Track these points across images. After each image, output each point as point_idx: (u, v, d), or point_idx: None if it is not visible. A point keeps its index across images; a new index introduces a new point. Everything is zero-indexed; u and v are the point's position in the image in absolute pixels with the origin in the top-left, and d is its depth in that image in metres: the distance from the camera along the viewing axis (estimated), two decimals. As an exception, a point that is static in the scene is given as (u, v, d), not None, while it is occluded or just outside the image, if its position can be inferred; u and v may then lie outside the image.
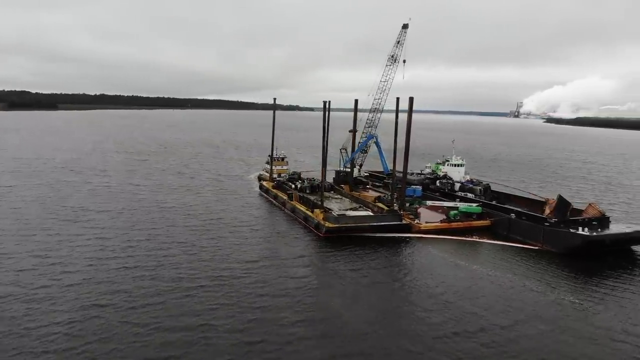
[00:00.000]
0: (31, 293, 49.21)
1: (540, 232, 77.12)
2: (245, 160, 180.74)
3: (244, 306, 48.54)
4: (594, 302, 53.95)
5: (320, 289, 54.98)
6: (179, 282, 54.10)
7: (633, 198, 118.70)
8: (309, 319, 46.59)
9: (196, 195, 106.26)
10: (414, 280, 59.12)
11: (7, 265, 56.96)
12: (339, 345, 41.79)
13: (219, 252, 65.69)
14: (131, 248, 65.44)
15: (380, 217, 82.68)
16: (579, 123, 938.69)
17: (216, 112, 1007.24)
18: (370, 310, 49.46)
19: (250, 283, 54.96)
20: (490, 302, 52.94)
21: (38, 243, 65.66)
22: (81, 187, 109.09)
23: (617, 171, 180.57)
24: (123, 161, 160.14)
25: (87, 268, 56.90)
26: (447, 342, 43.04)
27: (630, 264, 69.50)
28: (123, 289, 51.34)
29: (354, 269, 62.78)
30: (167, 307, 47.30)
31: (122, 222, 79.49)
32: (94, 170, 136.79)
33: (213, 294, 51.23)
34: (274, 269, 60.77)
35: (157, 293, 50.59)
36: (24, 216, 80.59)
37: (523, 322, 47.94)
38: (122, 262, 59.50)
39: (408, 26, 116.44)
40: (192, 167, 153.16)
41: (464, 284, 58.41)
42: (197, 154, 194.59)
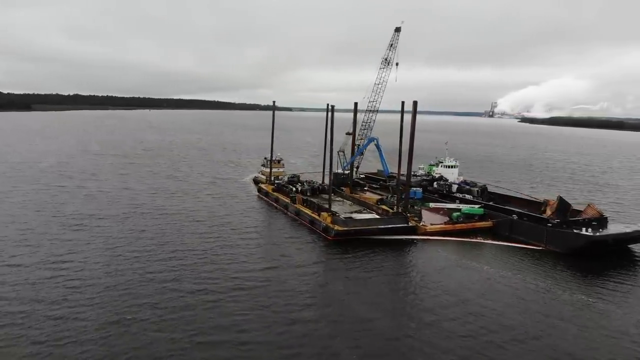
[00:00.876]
0: (54, 308, 47.87)
1: (543, 233, 79.17)
2: (235, 162, 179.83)
3: (275, 316, 48.53)
4: (606, 301, 55.90)
5: (345, 295, 55.23)
6: (203, 291, 53.55)
7: (622, 197, 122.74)
8: (341, 327, 46.99)
9: (196, 199, 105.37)
10: (432, 283, 60.07)
11: (22, 277, 55.23)
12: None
13: (235, 259, 65.42)
14: (145, 256, 64.55)
15: (387, 220, 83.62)
16: (553, 123, 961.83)
17: (194, 112, 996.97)
18: (399, 315, 50.18)
19: (275, 292, 54.91)
20: (509, 302, 54.38)
21: (48, 253, 64.07)
22: (76, 192, 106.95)
23: (601, 171, 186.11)
24: (112, 164, 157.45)
25: (106, 279, 55.83)
26: (478, 343, 44.07)
27: (631, 262, 72.21)
28: (148, 301, 50.42)
29: (371, 273, 63.50)
30: (199, 318, 46.73)
31: (129, 228, 78.33)
32: (85, 174, 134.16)
33: (241, 303, 50.94)
34: (294, 275, 60.95)
35: (185, 303, 50.00)
36: (26, 224, 78.56)
37: (544, 321, 49.40)
38: (140, 272, 58.64)
39: (400, 29, 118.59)
40: (183, 170, 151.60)
41: (479, 285, 59.80)
42: (185, 156, 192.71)
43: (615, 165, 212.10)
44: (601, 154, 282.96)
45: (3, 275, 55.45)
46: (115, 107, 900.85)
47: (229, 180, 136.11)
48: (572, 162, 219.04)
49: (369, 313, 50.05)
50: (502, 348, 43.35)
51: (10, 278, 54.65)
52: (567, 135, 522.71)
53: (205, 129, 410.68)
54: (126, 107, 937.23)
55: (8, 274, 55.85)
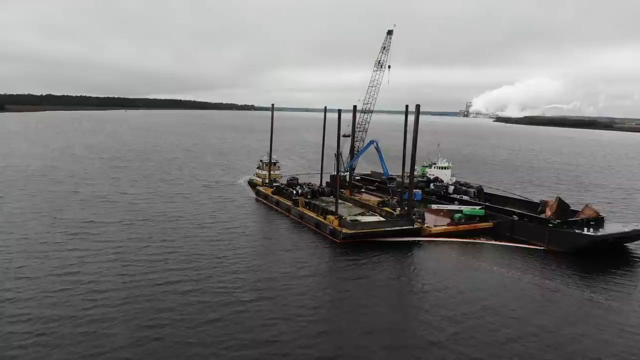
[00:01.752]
0: (78, 316, 47.18)
1: (544, 233, 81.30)
2: (225, 164, 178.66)
3: (303, 319, 48.94)
4: (615, 299, 58.04)
5: (369, 300, 55.78)
6: (225, 298, 53.39)
7: (612, 197, 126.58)
8: (368, 328, 47.67)
9: (196, 204, 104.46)
10: (447, 285, 61.11)
11: (36, 291, 53.63)
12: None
13: (251, 266, 65.23)
14: (159, 265, 63.68)
15: (394, 222, 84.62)
16: (527, 122, 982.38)
17: (171, 112, 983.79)
18: (427, 319, 51.06)
19: (297, 295, 55.31)
20: (525, 302, 55.99)
21: (58, 264, 62.38)
22: (71, 198, 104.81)
23: (583, 171, 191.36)
24: (101, 168, 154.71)
25: (124, 290, 54.78)
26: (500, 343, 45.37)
27: (630, 260, 74.91)
28: (171, 307, 50.18)
29: (386, 276, 64.50)
30: (227, 325, 46.71)
31: (136, 235, 77.12)
32: (75, 178, 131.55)
33: (266, 308, 51.12)
34: (312, 279, 61.46)
35: (209, 310, 49.89)
36: (27, 233, 76.43)
37: (561, 320, 51.04)
38: (158, 282, 57.77)
39: (392, 32, 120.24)
40: (174, 173, 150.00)
41: (493, 286, 61.38)
42: (173, 158, 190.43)
43: (598, 165, 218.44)
44: (580, 153, 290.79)
45: (16, 289, 53.73)
46: (89, 107, 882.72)
47: (223, 183, 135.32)
48: (553, 162, 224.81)
49: (395, 317, 50.87)
50: (524, 346, 44.71)
51: (25, 293, 52.74)
52: (544, 135, 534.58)
53: (186, 130, 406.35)
54: (101, 107, 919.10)
55: (21, 288, 54.12)
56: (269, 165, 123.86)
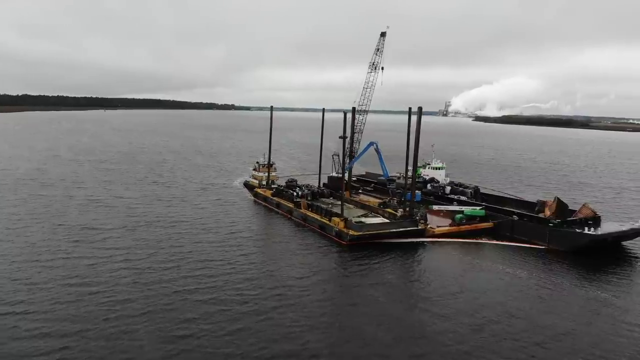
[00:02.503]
0: (101, 328, 46.48)
1: (545, 233, 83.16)
2: (217, 166, 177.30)
3: (327, 326, 49.35)
4: (622, 297, 59.89)
5: (386, 304, 56.46)
6: (245, 305, 53.20)
7: (602, 196, 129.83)
8: (394, 335, 48.27)
9: (196, 207, 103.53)
10: (458, 285, 62.32)
11: (50, 300, 52.68)
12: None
13: (263, 270, 65.34)
14: (172, 271, 63.14)
15: (399, 224, 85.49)
16: (505, 121, 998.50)
17: (150, 112, 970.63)
18: (446, 319, 51.87)
19: (317, 301, 55.61)
20: (538, 301, 57.52)
21: (68, 270, 61.52)
22: (67, 202, 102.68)
23: (569, 170, 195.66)
24: (91, 170, 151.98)
25: (141, 295, 54.44)
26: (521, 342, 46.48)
27: (628, 257, 77.18)
28: (193, 316, 49.73)
29: (399, 278, 65.66)
30: (253, 334, 46.58)
31: (143, 241, 76.17)
32: (66, 181, 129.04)
33: (288, 316, 51.24)
34: (327, 284, 62.04)
35: (233, 319, 49.67)
36: (30, 238, 74.91)
37: (572, 318, 52.62)
38: (173, 286, 57.52)
39: (386, 34, 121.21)
40: (166, 175, 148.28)
41: (503, 285, 63.00)
42: (162, 160, 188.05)
43: (582, 164, 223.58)
44: (563, 152, 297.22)
45: (30, 301, 52.64)
46: (67, 107, 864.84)
47: (219, 185, 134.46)
48: (539, 161, 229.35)
49: (418, 323, 51.59)
50: (542, 346, 45.89)
51: (39, 305, 51.55)
52: (523, 134, 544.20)
53: (169, 131, 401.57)
54: (78, 107, 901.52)
55: (35, 299, 52.91)
56: (267, 167, 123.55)
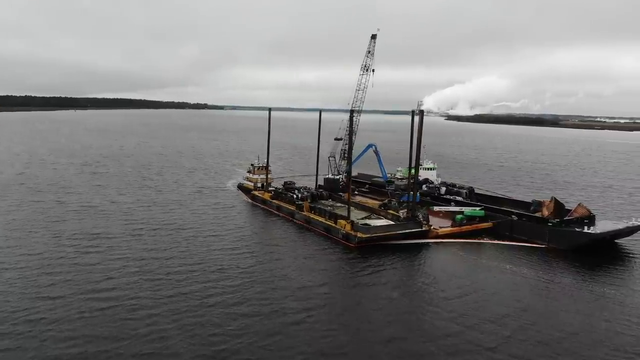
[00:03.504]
0: (134, 336, 46.06)
1: (545, 232, 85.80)
2: (205, 168, 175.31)
3: (359, 328, 50.18)
4: (623, 292, 62.77)
5: (405, 305, 57.79)
6: (274, 310, 53.44)
7: (587, 194, 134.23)
8: (427, 336, 49.38)
9: (196, 211, 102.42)
10: (468, 284, 64.22)
11: (74, 310, 51.54)
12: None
13: (281, 274, 65.64)
14: (189, 275, 62.94)
15: (404, 225, 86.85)
16: (477, 120, 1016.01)
17: (123, 112, 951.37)
18: (473, 324, 53.27)
19: (344, 304, 56.56)
20: (549, 301, 59.63)
21: (84, 278, 60.45)
22: (62, 208, 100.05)
23: (551, 169, 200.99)
24: (78, 174, 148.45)
25: (167, 301, 54.12)
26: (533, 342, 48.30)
27: (624, 254, 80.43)
28: (223, 322, 49.76)
29: (413, 280, 67.16)
30: (290, 339, 46.99)
31: (151, 247, 75.31)
32: (56, 186, 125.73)
33: (320, 318, 51.91)
34: (346, 287, 63.06)
35: (266, 324, 49.91)
36: (35, 247, 72.91)
37: (585, 315, 55.06)
38: (195, 293, 57.27)
39: (376, 37, 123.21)
40: (155, 178, 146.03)
41: (511, 283, 65.48)
42: (148, 163, 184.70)
43: (563, 163, 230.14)
44: (540, 150, 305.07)
45: (52, 311, 51.42)
46: (35, 107, 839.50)
47: (213, 188, 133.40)
48: (522, 161, 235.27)
49: (442, 324, 52.80)
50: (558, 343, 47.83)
51: (63, 313, 50.67)
52: (497, 133, 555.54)
53: (147, 131, 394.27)
54: (47, 107, 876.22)
55: (57, 309, 51.72)
56: (266, 169, 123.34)
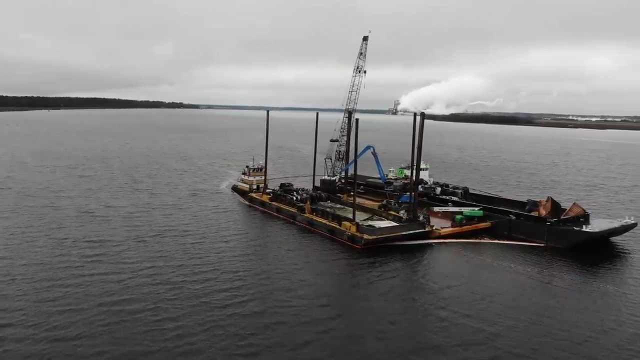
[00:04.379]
0: (165, 349, 45.51)
1: (543, 231, 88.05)
2: (195, 170, 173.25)
3: (386, 332, 50.96)
4: (622, 289, 65.19)
5: (423, 305, 58.74)
6: (301, 318, 53.59)
7: (575, 194, 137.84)
8: (455, 341, 50.42)
9: (196, 215, 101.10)
10: (478, 284, 65.85)
11: (92, 322, 50.36)
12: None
13: (298, 280, 65.58)
14: (206, 283, 62.53)
15: (408, 226, 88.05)
16: (453, 119, 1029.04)
17: (98, 112, 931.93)
18: (493, 326, 54.56)
19: (364, 308, 57.05)
20: (561, 299, 61.49)
21: (97, 289, 59.25)
22: (60, 214, 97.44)
23: (536, 169, 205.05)
24: (66, 177, 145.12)
25: (191, 312, 53.55)
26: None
27: (619, 251, 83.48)
28: (254, 331, 49.32)
29: (424, 279, 68.22)
30: (322, 346, 47.14)
31: (159, 253, 74.20)
32: (47, 190, 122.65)
33: (346, 325, 52.33)
34: (361, 290, 63.67)
35: (296, 333, 49.93)
36: (40, 256, 71.12)
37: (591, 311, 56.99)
38: (216, 301, 56.68)
39: (368, 38, 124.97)
40: (147, 181, 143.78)
41: (518, 282, 67.46)
42: (136, 165, 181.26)
43: (547, 162, 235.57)
44: (522, 150, 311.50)
45: (73, 325, 50.16)
46: (5, 107, 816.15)
47: (208, 191, 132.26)
48: (504, 160, 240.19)
49: (465, 326, 53.97)
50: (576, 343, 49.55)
51: (89, 331, 48.97)
52: (476, 132, 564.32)
53: (127, 132, 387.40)
54: (20, 107, 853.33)
55: (79, 323, 50.35)
56: (264, 171, 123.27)
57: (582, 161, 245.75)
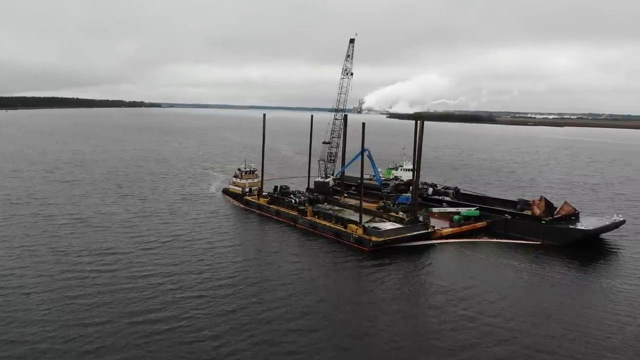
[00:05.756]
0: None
1: (539, 230, 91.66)
2: (176, 173, 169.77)
3: (403, 334, 52.53)
4: (619, 284, 69.08)
5: (439, 306, 60.41)
6: (323, 324, 54.42)
7: (557, 192, 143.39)
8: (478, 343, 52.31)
9: (195, 221, 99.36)
10: (486, 282, 68.55)
11: (133, 337, 49.61)
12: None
13: (311, 286, 65.82)
14: (230, 291, 62.50)
15: (412, 227, 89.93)
16: (417, 118, 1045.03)
17: (59, 112, 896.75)
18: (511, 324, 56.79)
19: (383, 313, 58.25)
20: (571, 297, 64.79)
21: (119, 304, 58.19)
22: (51, 222, 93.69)
23: (511, 167, 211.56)
24: (46, 183, 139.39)
25: (225, 325, 53.39)
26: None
27: (610, 248, 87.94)
28: (304, 349, 48.87)
29: (436, 279, 70.03)
30: (354, 354, 48.03)
31: (172, 262, 73.02)
32: (31, 197, 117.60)
33: (379, 332, 53.31)
34: (375, 293, 64.74)
35: (324, 340, 50.61)
36: (46, 269, 68.60)
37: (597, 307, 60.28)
38: (241, 310, 56.74)
39: (354, 40, 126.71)
40: (130, 185, 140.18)
41: (523, 279, 71.02)
42: (115, 169, 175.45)
43: (520, 160, 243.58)
44: (491, 149, 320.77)
45: (105, 340, 49.41)
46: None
47: (198, 195, 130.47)
48: (479, 159, 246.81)
49: (474, 312, 56.01)
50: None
51: (126, 353, 47.40)
52: (443, 131, 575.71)
53: (95, 133, 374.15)
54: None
55: (108, 339, 49.23)
56: (261, 174, 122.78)
57: (551, 159, 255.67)
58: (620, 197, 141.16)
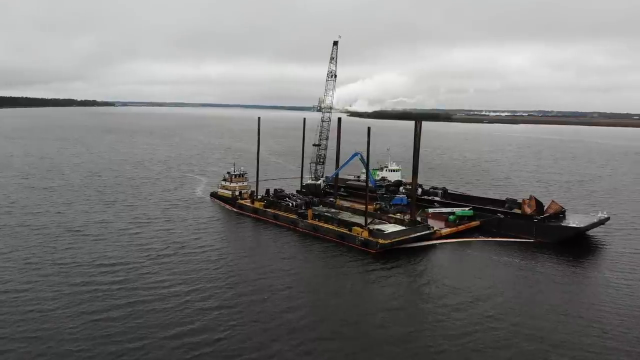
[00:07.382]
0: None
1: (532, 227, 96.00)
2: (156, 177, 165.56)
3: (416, 334, 54.69)
4: (618, 278, 74.07)
5: (452, 306, 63.06)
6: (342, 330, 55.82)
7: (534, 190, 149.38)
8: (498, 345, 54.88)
9: (194, 227, 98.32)
10: (493, 279, 72.10)
11: (179, 351, 49.83)
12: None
13: (327, 293, 66.99)
14: (240, 299, 62.95)
15: (415, 229, 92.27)
16: (377, 116, 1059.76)
17: (7, 111, 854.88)
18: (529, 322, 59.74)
19: (399, 316, 60.48)
20: (571, 289, 68.83)
21: (143, 320, 57.47)
22: (46, 233, 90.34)
23: (484, 168, 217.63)
24: (23, 190, 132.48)
25: (263, 334, 54.14)
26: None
27: (599, 244, 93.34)
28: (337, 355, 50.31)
29: (444, 277, 73.19)
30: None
31: (182, 274, 71.71)
32: (15, 206, 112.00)
33: (378, 338, 55.12)
34: (382, 296, 66.47)
35: (342, 347, 51.83)
36: (55, 284, 66.52)
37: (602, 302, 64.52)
38: (258, 318, 57.60)
39: (338, 43, 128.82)
40: (111, 191, 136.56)
41: (523, 275, 75.59)
42: (92, 174, 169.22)
43: (491, 158, 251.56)
44: (458, 147, 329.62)
45: (144, 354, 49.27)
46: None
47: (187, 199, 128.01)
48: (450, 158, 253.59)
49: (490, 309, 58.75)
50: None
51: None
52: (405, 129, 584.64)
53: (56, 135, 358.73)
54: None
55: (146, 353, 49.32)
56: (256, 177, 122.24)
57: (519, 157, 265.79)
58: (595, 194, 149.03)
